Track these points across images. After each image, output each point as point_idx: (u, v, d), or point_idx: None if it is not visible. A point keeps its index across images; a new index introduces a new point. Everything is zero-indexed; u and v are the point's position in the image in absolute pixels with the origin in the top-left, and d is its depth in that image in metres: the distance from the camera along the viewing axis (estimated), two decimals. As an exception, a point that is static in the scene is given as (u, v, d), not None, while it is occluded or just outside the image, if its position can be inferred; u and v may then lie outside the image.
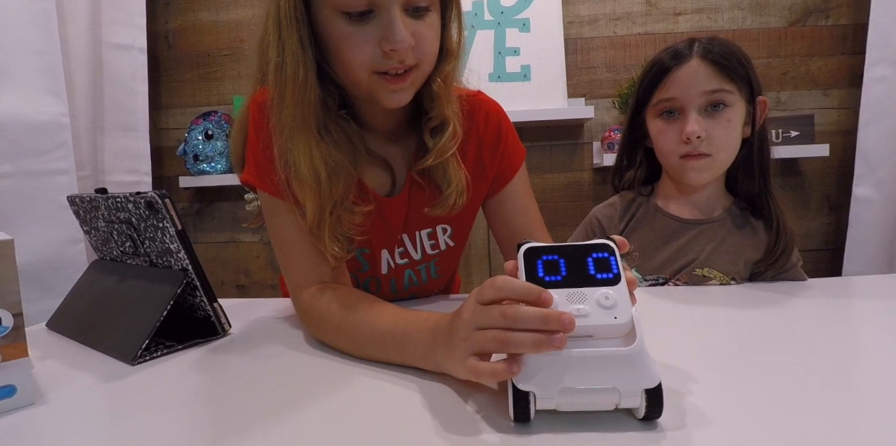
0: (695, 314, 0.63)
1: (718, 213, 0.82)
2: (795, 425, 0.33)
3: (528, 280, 0.35)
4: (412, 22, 0.53)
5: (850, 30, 1.49)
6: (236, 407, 0.41)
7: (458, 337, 0.38)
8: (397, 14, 0.51)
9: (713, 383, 0.41)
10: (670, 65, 0.76)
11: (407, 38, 0.52)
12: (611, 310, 0.33)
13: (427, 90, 0.61)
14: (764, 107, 0.78)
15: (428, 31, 0.55)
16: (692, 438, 0.32)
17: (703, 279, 0.80)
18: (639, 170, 0.88)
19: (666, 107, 0.78)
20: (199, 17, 1.69)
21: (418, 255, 0.72)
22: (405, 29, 0.52)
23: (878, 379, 0.40)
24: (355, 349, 0.51)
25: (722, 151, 0.76)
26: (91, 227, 0.69)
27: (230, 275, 1.74)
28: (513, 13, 1.52)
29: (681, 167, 0.78)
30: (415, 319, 0.47)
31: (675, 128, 0.77)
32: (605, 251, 0.36)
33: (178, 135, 1.69)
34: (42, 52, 1.22)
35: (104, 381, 0.48)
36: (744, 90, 0.76)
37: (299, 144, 0.56)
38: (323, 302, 0.56)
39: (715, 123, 0.75)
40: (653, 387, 0.32)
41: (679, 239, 0.82)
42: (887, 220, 1.40)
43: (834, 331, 0.53)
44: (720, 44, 0.76)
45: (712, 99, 0.74)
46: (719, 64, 0.74)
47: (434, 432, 0.35)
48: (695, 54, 0.75)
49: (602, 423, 0.34)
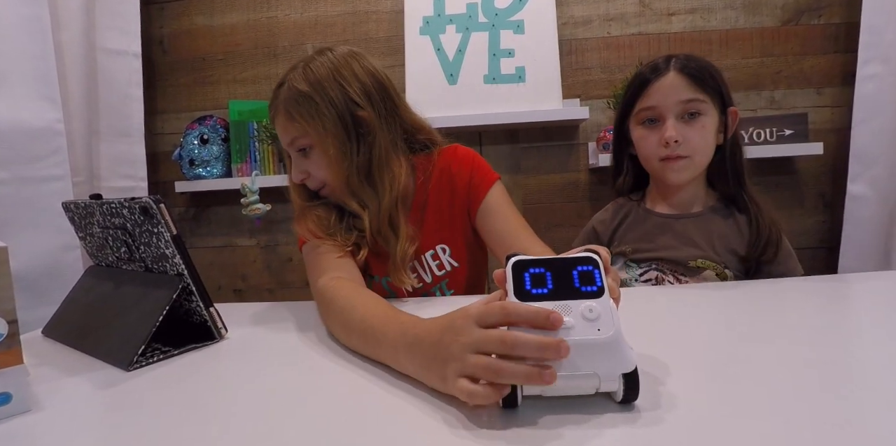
0: (690, 310, 0.63)
1: (697, 209, 0.91)
2: (768, 408, 0.35)
3: (515, 292, 0.37)
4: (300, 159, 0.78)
5: (842, 28, 1.50)
6: (233, 413, 0.41)
7: (449, 356, 0.37)
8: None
9: (692, 371, 0.43)
10: (650, 77, 0.86)
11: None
12: (594, 322, 0.35)
13: None
14: (735, 117, 0.87)
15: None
16: (665, 418, 0.35)
17: (699, 270, 0.85)
18: (626, 177, 0.98)
19: (647, 115, 0.87)
20: (194, 21, 1.69)
21: (429, 278, 0.83)
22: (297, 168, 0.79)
23: (865, 369, 0.41)
24: (345, 336, 0.55)
25: (697, 154, 0.85)
26: (86, 233, 0.69)
27: (227, 280, 1.73)
28: (507, 15, 1.52)
29: (661, 169, 0.87)
30: (394, 320, 0.49)
31: (655, 134, 0.86)
32: (590, 264, 0.38)
33: (174, 140, 1.69)
34: (36, 57, 1.21)
35: (100, 388, 0.48)
36: (716, 101, 0.85)
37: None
38: (336, 287, 0.63)
39: (690, 129, 0.84)
40: (629, 372, 0.35)
41: (666, 233, 0.90)
42: (881, 217, 1.41)
43: (825, 326, 0.53)
44: (695, 59, 0.86)
45: (688, 107, 0.84)
46: (693, 76, 0.83)
47: (426, 417, 0.36)
48: (672, 68, 0.84)
49: (584, 407, 0.37)
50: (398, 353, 0.45)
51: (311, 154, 0.75)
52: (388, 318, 0.50)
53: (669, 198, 0.92)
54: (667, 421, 0.34)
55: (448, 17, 1.53)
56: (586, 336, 0.34)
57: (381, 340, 0.47)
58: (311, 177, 0.77)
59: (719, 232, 0.87)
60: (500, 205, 0.83)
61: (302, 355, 0.54)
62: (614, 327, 0.35)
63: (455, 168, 0.84)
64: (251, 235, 1.71)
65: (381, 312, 0.52)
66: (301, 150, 0.75)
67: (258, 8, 1.66)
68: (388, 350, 0.46)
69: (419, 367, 0.42)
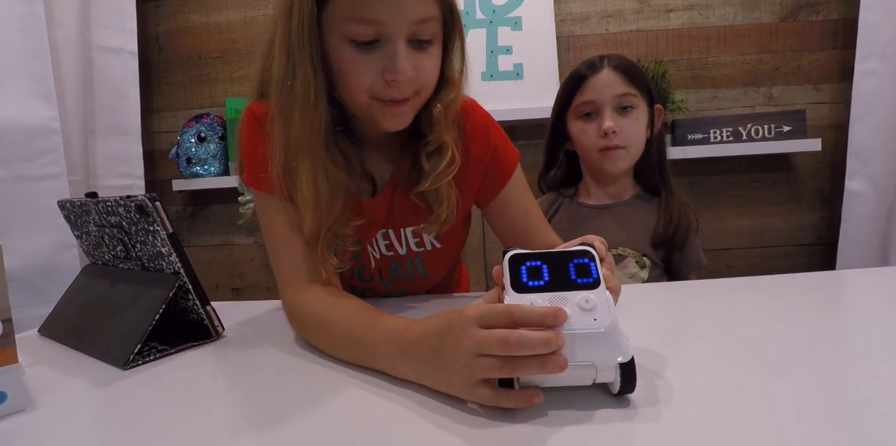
0: (687, 306, 0.63)
1: (627, 198, 0.98)
2: (765, 404, 0.35)
3: (512, 285, 0.37)
4: (415, 54, 0.55)
5: (840, 24, 1.50)
6: (229, 411, 0.40)
7: (456, 363, 0.36)
8: (401, 46, 0.54)
9: (689, 366, 0.43)
10: (587, 73, 0.93)
11: (409, 70, 0.54)
12: (590, 312, 0.35)
13: (426, 114, 0.62)
14: (660, 114, 0.97)
15: (429, 62, 0.57)
16: (662, 413, 0.34)
17: (620, 258, 0.93)
18: (559, 170, 1.05)
19: (585, 109, 0.94)
20: (190, 19, 1.68)
21: (403, 250, 0.72)
22: (408, 61, 0.54)
23: (863, 366, 0.40)
24: (332, 350, 0.51)
25: (633, 144, 0.92)
26: (82, 232, 0.68)
27: (225, 278, 1.73)
28: (505, 12, 1.52)
29: (600, 159, 0.94)
30: (382, 327, 0.46)
31: (593, 127, 0.93)
32: (586, 257, 0.38)
33: (171, 139, 1.69)
34: (31, 55, 1.21)
35: (96, 387, 0.48)
36: (645, 96, 0.93)
37: (305, 164, 0.57)
38: (307, 300, 0.57)
39: (626, 121, 0.91)
40: (626, 362, 0.34)
41: (591, 222, 0.97)
42: (880, 214, 1.41)
43: (822, 322, 0.53)
44: (626, 59, 0.95)
45: (622, 101, 0.91)
46: (626, 73, 0.91)
47: (426, 415, 0.36)
48: (606, 65, 0.92)
49: (582, 401, 0.37)
50: (395, 361, 0.43)
51: (430, 49, 0.57)
52: (374, 326, 0.47)
53: (601, 189, 0.99)
54: (664, 416, 0.34)
55: (445, 13, 1.53)
56: (583, 326, 0.34)
57: (373, 351, 0.45)
58: (416, 77, 0.56)
59: (641, 219, 0.94)
60: (520, 196, 0.73)
61: (299, 353, 0.54)
62: (610, 317, 0.35)
63: (468, 134, 0.68)
64: (249, 234, 1.70)
65: (365, 321, 0.49)
66: (421, 42, 0.56)
67: (254, 5, 1.66)
68: (384, 359, 0.45)
69: (420, 375, 0.41)
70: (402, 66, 0.53)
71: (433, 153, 0.63)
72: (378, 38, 0.53)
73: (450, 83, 0.63)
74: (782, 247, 1.56)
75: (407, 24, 0.53)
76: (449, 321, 0.38)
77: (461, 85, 0.64)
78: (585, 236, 0.46)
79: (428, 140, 0.63)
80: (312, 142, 0.57)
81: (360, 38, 0.53)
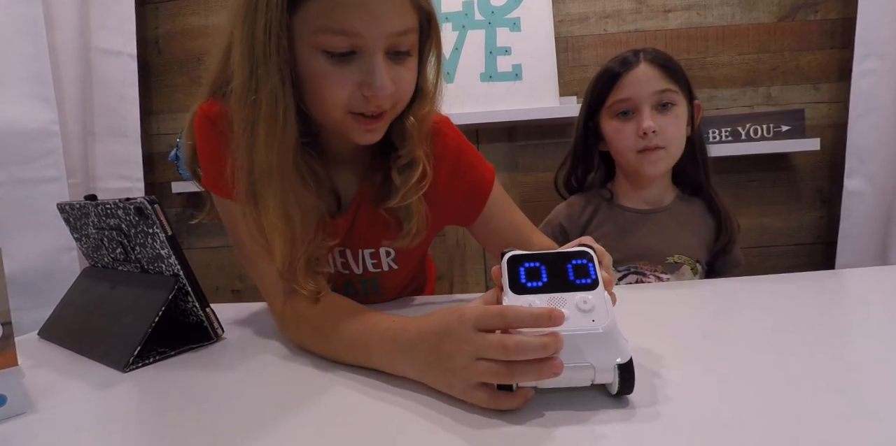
0: (686, 306, 0.63)
1: (668, 203, 0.92)
2: (765, 403, 0.35)
3: (510, 286, 0.37)
4: (392, 66, 0.52)
5: (838, 24, 1.50)
6: (230, 413, 0.40)
7: (454, 365, 0.37)
8: (380, 60, 0.50)
9: (688, 366, 0.43)
10: (620, 70, 0.85)
11: (388, 85, 0.51)
12: (589, 313, 0.35)
13: (399, 127, 0.59)
14: (698, 110, 0.90)
15: (407, 74, 0.54)
16: (661, 413, 0.34)
17: (676, 266, 0.87)
18: (597, 173, 0.98)
19: (621, 107, 0.86)
20: (189, 21, 1.68)
21: (359, 270, 0.70)
22: (387, 75, 0.51)
23: (862, 364, 0.40)
24: (330, 353, 0.51)
25: (673, 144, 0.85)
26: (81, 235, 0.68)
27: (225, 281, 1.73)
28: (503, 12, 1.52)
29: (638, 161, 0.86)
30: (376, 327, 0.46)
31: (630, 126, 0.85)
32: (584, 258, 0.38)
33: (170, 141, 1.68)
34: (30, 58, 1.21)
35: (96, 389, 0.48)
36: (685, 91, 0.86)
37: (272, 189, 0.52)
38: (296, 310, 0.55)
39: (665, 119, 0.84)
40: (624, 363, 0.34)
41: (640, 229, 0.90)
42: (879, 213, 1.41)
43: (822, 321, 0.53)
44: (661, 52, 0.87)
45: (662, 98, 0.84)
46: (665, 67, 0.84)
47: (425, 414, 0.37)
48: (642, 60, 0.85)
49: (580, 402, 0.37)
50: (394, 360, 0.43)
51: (408, 61, 0.54)
52: (370, 327, 0.47)
53: (637, 193, 0.92)
54: (662, 416, 0.34)
55: (444, 15, 1.52)
56: (581, 327, 0.34)
57: (371, 351, 0.46)
58: (395, 91, 0.54)
59: (689, 223, 0.89)
60: (503, 211, 0.71)
61: (299, 354, 0.54)
62: (609, 318, 0.35)
63: (438, 155, 0.63)
64: (249, 235, 1.70)
65: (359, 322, 0.49)
66: (399, 54, 0.53)
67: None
68: (382, 358, 0.45)
69: (420, 373, 0.41)
70: (381, 81, 0.50)
71: (404, 167, 0.60)
72: (354, 50, 0.50)
73: (424, 95, 0.59)
74: (781, 246, 1.56)
75: (385, 36, 0.50)
76: (448, 323, 0.38)
77: (435, 98, 0.61)
78: (581, 239, 0.46)
79: (399, 154, 0.60)
80: (280, 163, 0.51)
81: (335, 49, 0.49)
